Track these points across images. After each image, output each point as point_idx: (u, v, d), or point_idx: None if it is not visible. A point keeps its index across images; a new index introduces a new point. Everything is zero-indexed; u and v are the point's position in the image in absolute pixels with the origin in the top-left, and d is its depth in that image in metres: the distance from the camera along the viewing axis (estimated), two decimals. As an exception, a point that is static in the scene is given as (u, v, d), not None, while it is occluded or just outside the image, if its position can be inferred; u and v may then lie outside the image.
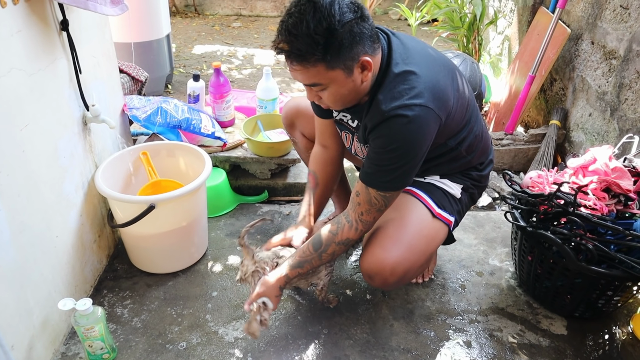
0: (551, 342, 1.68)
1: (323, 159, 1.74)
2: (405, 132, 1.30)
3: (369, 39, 1.27)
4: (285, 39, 1.22)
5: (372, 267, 1.49)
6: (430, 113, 1.31)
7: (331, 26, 1.18)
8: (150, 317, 1.71)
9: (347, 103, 1.40)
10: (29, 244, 1.38)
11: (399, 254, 1.48)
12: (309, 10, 1.18)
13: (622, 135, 2.17)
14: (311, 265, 1.52)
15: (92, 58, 1.75)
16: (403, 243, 1.50)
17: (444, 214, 1.59)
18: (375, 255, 1.49)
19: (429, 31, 4.77)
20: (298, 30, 1.19)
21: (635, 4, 2.13)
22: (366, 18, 1.25)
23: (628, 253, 1.54)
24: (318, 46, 1.20)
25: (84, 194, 1.70)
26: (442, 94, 1.35)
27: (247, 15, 5.81)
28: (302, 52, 1.22)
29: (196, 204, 1.85)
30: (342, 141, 1.71)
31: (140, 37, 3.19)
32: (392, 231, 1.52)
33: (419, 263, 1.55)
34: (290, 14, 1.22)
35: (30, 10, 1.34)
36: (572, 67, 2.68)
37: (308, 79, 1.30)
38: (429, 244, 1.58)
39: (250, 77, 4.06)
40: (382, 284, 1.52)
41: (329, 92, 1.33)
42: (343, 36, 1.20)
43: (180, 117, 2.15)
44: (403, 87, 1.31)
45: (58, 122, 1.52)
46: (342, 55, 1.23)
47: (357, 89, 1.34)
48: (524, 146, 2.76)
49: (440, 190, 1.61)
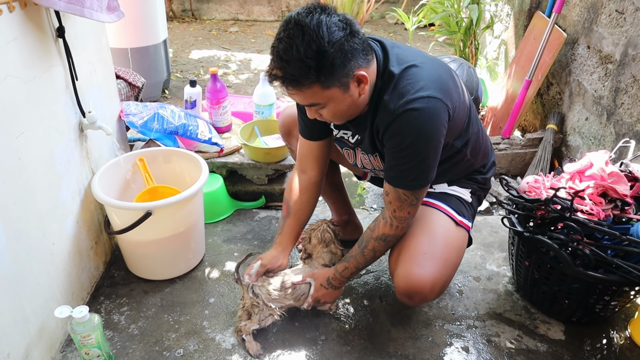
0: (549, 347, 1.68)
1: (298, 188, 1.72)
2: (417, 126, 1.31)
3: (361, 52, 1.27)
4: (278, 65, 1.24)
5: (411, 287, 1.46)
6: (439, 102, 1.31)
7: (321, 48, 1.19)
8: (147, 324, 1.71)
9: (348, 117, 1.41)
10: (25, 252, 1.37)
11: (436, 270, 1.47)
12: (298, 34, 1.19)
13: (618, 140, 2.17)
14: (356, 261, 1.57)
15: (88, 64, 1.75)
16: (438, 258, 1.48)
17: (465, 221, 1.60)
18: (412, 274, 1.46)
19: (426, 35, 4.78)
20: (289, 56, 1.20)
21: (630, 9, 2.14)
22: (356, 33, 1.26)
23: (625, 258, 1.55)
24: (310, 69, 1.20)
25: (80, 200, 1.70)
26: (445, 85, 1.36)
27: (244, 20, 5.82)
28: (295, 76, 1.23)
29: (193, 210, 1.85)
30: (322, 167, 1.71)
31: (137, 43, 3.18)
32: (425, 247, 1.49)
33: (452, 276, 1.56)
34: (280, 39, 1.23)
35: (26, 17, 1.34)
36: (569, 71, 2.69)
37: (306, 100, 1.32)
38: (459, 254, 1.58)
39: (247, 82, 4.06)
40: (421, 301, 1.51)
41: (328, 110, 1.34)
42: (334, 56, 1.21)
43: (177, 123, 2.15)
44: (407, 83, 1.31)
45: (54, 129, 1.52)
46: (336, 74, 1.24)
47: (355, 102, 1.34)
48: (521, 150, 2.77)
49: (454, 197, 1.62)
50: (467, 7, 3.30)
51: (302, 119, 1.61)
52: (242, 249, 2.08)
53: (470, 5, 3.27)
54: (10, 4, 1.26)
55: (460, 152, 1.55)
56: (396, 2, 5.72)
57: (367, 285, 1.91)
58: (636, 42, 2.09)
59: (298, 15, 1.21)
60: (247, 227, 2.22)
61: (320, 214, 2.30)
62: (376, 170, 1.60)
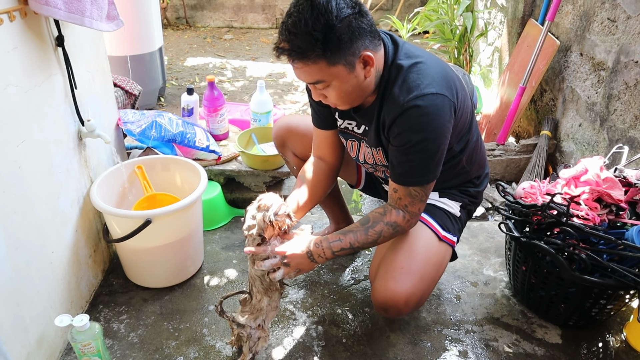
0: (546, 351, 1.69)
1: (312, 169, 1.69)
2: (424, 122, 1.32)
3: (368, 34, 1.29)
4: (286, 38, 1.25)
5: (386, 300, 1.47)
6: (445, 99, 1.32)
7: (329, 22, 1.20)
8: (147, 332, 1.71)
9: (352, 100, 1.40)
10: (25, 261, 1.37)
11: (411, 285, 1.47)
12: (307, 8, 1.21)
13: (611, 145, 2.20)
14: (355, 236, 1.44)
15: (87, 73, 1.75)
16: (414, 273, 1.49)
17: (449, 236, 1.60)
18: (388, 288, 1.47)
19: (421, 43, 4.82)
20: (297, 29, 1.22)
21: (622, 17, 2.18)
22: (365, 13, 1.28)
23: (620, 262, 1.57)
24: (317, 42, 1.22)
25: (79, 209, 1.70)
26: (452, 83, 1.37)
27: (239, 27, 5.84)
28: (302, 49, 1.24)
29: (192, 217, 1.85)
30: (338, 154, 1.70)
31: (133, 50, 3.20)
32: (402, 261, 1.50)
33: (430, 290, 1.56)
34: (290, 14, 1.24)
35: (26, 26, 1.35)
36: (562, 78, 2.72)
37: (311, 77, 1.31)
38: (438, 270, 1.58)
39: (242, 90, 4.07)
40: (396, 315, 1.52)
41: (332, 89, 1.34)
42: (342, 31, 1.22)
43: (174, 131, 2.16)
44: (416, 77, 1.33)
45: (54, 138, 1.52)
46: (343, 51, 1.25)
47: (360, 85, 1.34)
48: (516, 156, 2.80)
49: (442, 211, 1.62)
50: (462, 14, 3.33)
51: (314, 109, 1.62)
52: (240, 256, 2.08)
53: (464, 13, 3.31)
54: (11, 14, 1.27)
55: (456, 157, 1.55)
56: (390, 9, 5.76)
57: (366, 290, 1.92)
58: (628, 49, 2.13)
59: None
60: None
61: (318, 221, 2.32)
62: (377, 165, 1.60)
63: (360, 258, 2.09)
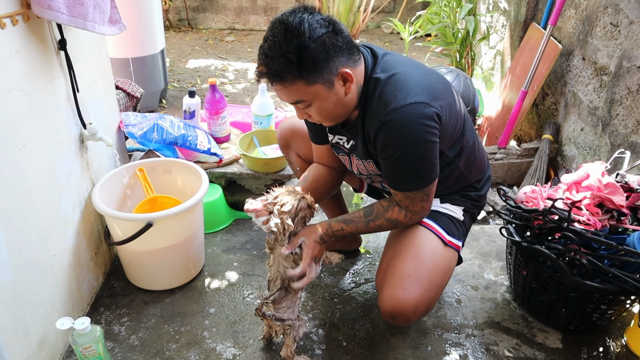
0: (547, 355, 1.69)
1: (319, 169, 1.73)
2: (404, 134, 1.33)
3: (345, 51, 1.31)
4: (263, 62, 1.30)
5: (394, 309, 1.47)
6: (425, 106, 1.32)
7: (302, 43, 1.24)
8: (148, 335, 1.71)
9: (336, 117, 1.43)
10: (27, 264, 1.38)
11: (420, 293, 1.47)
12: (281, 32, 1.25)
13: (613, 150, 2.20)
14: (356, 226, 1.53)
15: (89, 76, 1.76)
16: (422, 281, 1.48)
17: (454, 241, 1.59)
18: (396, 296, 1.46)
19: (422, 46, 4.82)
20: (272, 52, 1.26)
21: (625, 22, 2.18)
22: (339, 31, 1.30)
23: (621, 267, 1.56)
24: (292, 64, 1.25)
25: (80, 211, 1.70)
26: (432, 89, 1.37)
27: (241, 29, 5.85)
28: (278, 71, 1.27)
29: (193, 220, 1.85)
30: (340, 164, 1.73)
31: (135, 53, 3.20)
32: (410, 269, 1.49)
33: (437, 297, 1.56)
34: (266, 38, 1.29)
35: (29, 30, 1.35)
36: (564, 82, 2.72)
37: (291, 97, 1.35)
38: (445, 277, 1.58)
39: (244, 92, 4.08)
40: (404, 323, 1.52)
41: (314, 108, 1.37)
42: (316, 51, 1.25)
43: (176, 134, 2.16)
44: (392, 89, 1.34)
45: (56, 141, 1.52)
46: (319, 70, 1.27)
47: (341, 101, 1.37)
48: (517, 160, 2.79)
49: (445, 216, 1.61)
50: (464, 18, 3.33)
51: (308, 126, 1.67)
52: (241, 258, 2.09)
53: (466, 17, 3.31)
54: (14, 18, 1.28)
55: (452, 164, 1.55)
56: (392, 12, 5.77)
57: (367, 294, 1.92)
58: (630, 54, 2.13)
59: (282, 16, 1.28)
60: (246, 237, 2.23)
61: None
62: (372, 175, 1.61)
63: (361, 261, 2.10)
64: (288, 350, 1.56)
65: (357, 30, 4.80)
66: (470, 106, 3.03)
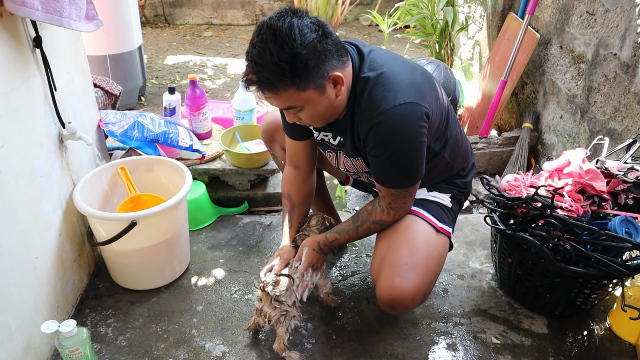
0: (533, 341, 1.72)
1: (297, 180, 1.74)
2: (395, 134, 1.33)
3: (335, 54, 1.29)
4: (253, 69, 1.25)
5: (393, 298, 1.48)
6: (415, 106, 1.33)
7: (294, 50, 1.20)
8: (135, 335, 1.69)
9: (327, 119, 1.42)
10: (8, 268, 1.35)
11: (418, 280, 1.48)
12: (270, 38, 1.20)
13: (592, 137, 2.23)
14: (348, 234, 1.60)
15: (66, 74, 1.72)
16: (419, 268, 1.50)
17: (445, 227, 1.61)
18: (394, 285, 1.47)
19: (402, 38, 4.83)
20: (263, 60, 1.22)
21: (600, 10, 2.21)
22: (329, 34, 1.27)
23: (603, 252, 1.59)
24: (285, 72, 1.22)
25: (62, 213, 1.67)
26: (420, 88, 1.38)
27: (218, 24, 5.79)
28: (270, 80, 1.24)
29: (178, 218, 1.83)
30: (313, 161, 1.73)
31: (113, 50, 3.15)
32: (406, 257, 1.50)
33: (434, 283, 1.58)
34: (254, 44, 1.24)
35: (2, 28, 1.32)
36: (542, 71, 2.75)
37: (283, 104, 1.33)
38: (440, 262, 1.59)
39: (224, 87, 4.04)
40: (403, 311, 1.55)
41: (306, 112, 1.35)
42: (308, 57, 1.22)
43: (157, 131, 2.13)
44: (382, 89, 1.33)
45: (34, 141, 1.49)
46: (311, 76, 1.25)
47: (332, 104, 1.36)
48: (498, 149, 2.82)
49: (434, 203, 1.63)
50: (442, 9, 3.35)
51: (285, 121, 1.62)
52: (227, 255, 2.07)
53: (445, 8, 3.32)
54: (-13, 16, 1.24)
55: (438, 155, 1.57)
56: (370, 4, 5.76)
57: (354, 287, 1.93)
58: (607, 42, 2.16)
59: (270, 20, 1.23)
60: (232, 234, 2.21)
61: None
62: (359, 172, 1.62)
63: (347, 254, 2.10)
64: (281, 342, 1.55)
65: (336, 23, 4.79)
66: (451, 97, 3.05)
